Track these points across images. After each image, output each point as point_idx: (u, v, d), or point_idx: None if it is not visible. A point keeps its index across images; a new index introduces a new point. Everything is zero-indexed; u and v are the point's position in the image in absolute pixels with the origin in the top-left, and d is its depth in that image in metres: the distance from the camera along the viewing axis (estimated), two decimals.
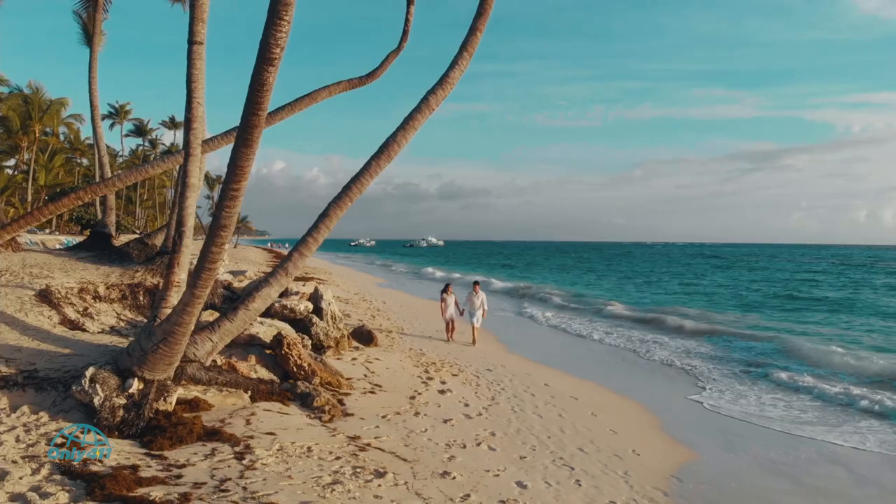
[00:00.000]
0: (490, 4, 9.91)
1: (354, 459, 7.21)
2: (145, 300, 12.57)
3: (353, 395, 10.26)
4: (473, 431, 9.17)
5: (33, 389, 7.82)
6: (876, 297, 39.56)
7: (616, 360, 17.27)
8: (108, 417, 7.23)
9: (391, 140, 9.71)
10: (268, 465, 6.65)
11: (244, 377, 9.25)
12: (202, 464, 6.56)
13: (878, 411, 12.15)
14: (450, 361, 14.28)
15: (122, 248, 15.56)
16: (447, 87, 9.87)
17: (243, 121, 6.30)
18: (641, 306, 31.64)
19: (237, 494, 5.81)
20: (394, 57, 12.62)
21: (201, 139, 8.61)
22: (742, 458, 9.56)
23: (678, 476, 8.55)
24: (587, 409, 11.45)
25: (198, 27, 8.09)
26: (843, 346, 19.75)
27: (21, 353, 8.49)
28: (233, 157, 6.51)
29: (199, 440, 7.27)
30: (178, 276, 8.26)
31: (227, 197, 6.71)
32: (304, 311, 12.90)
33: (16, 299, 10.32)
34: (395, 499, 6.21)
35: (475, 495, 6.67)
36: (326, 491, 6.14)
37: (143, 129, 65.75)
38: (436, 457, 7.81)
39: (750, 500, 7.88)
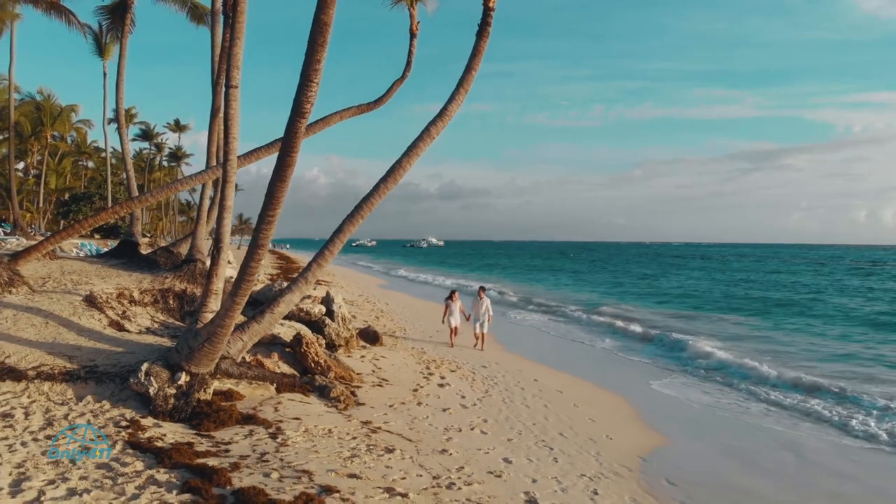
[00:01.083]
0: (483, 46, 11.31)
1: (368, 439, 8.63)
2: (174, 304, 13.98)
3: (364, 387, 11.68)
4: (468, 418, 10.58)
5: (94, 382, 9.24)
6: (812, 299, 40.74)
7: (601, 357, 18.71)
8: (161, 405, 8.65)
9: (397, 165, 11.12)
10: (297, 443, 8.07)
11: (270, 372, 10.67)
12: (244, 441, 7.98)
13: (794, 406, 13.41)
14: (448, 359, 15.68)
15: (150, 255, 16.96)
16: (446, 119, 11.27)
17: (279, 160, 7.71)
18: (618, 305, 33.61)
19: (276, 464, 7.23)
20: (399, 85, 14.03)
21: (235, 169, 10.00)
22: (705, 442, 10.98)
23: (645, 457, 9.96)
24: (570, 401, 12.85)
25: (233, 73, 9.47)
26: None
27: (81, 351, 9.91)
28: (269, 190, 7.93)
29: (237, 423, 8.69)
30: (216, 285, 9.68)
31: (263, 221, 8.13)
32: (318, 313, 14.31)
33: (67, 304, 11.73)
34: (402, 468, 7.63)
35: (468, 467, 8.08)
36: (347, 462, 7.56)
37: (150, 133, 67.26)
38: (436, 438, 9.23)
39: (703, 474, 9.29)
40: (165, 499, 5.98)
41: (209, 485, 6.31)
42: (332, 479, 6.93)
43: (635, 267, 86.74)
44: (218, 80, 15.13)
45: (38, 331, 10.42)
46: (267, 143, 14.03)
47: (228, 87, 9.29)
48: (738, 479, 9.27)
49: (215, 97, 15.56)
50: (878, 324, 27.98)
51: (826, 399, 13.88)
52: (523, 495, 7.44)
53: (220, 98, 15.42)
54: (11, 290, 11.75)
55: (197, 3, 18.93)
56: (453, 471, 7.87)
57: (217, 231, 9.82)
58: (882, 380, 16.30)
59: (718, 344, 20.79)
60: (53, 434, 7.54)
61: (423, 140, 11.20)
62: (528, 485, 7.84)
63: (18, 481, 6.11)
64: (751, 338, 23.68)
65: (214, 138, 15.81)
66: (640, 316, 28.92)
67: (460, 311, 17.96)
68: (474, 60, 11.35)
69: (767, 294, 43.72)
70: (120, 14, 18.64)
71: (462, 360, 15.72)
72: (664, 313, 31.38)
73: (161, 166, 78.45)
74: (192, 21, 19.47)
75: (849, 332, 25.74)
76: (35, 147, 51.57)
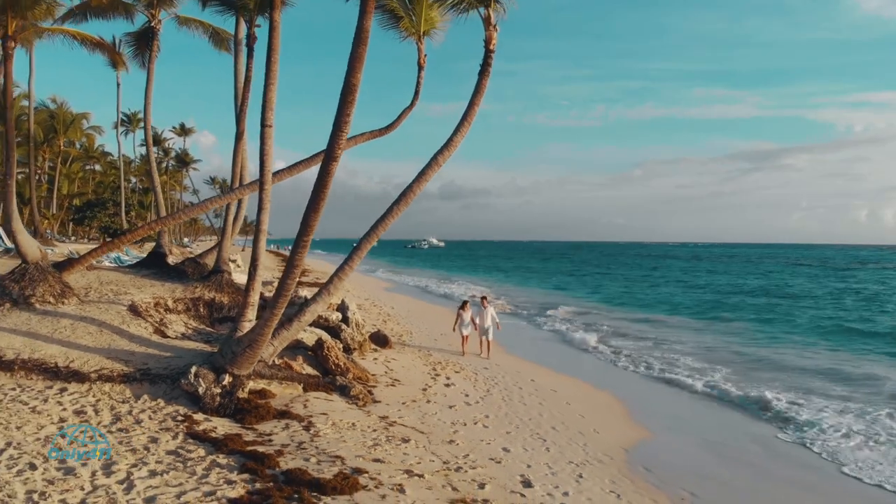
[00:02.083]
0: (485, 84, 12.70)
1: (386, 431, 10.05)
2: (204, 311, 15.39)
3: (378, 387, 13.10)
4: (472, 414, 12.01)
5: (148, 383, 10.67)
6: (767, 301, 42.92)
7: (592, 358, 20.15)
8: (209, 402, 10.07)
9: (408, 190, 12.51)
10: (327, 434, 9.49)
11: (297, 373, 12.10)
12: (283, 433, 9.41)
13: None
14: (453, 361, 17.09)
15: (178, 266, 18.37)
16: (452, 148, 12.67)
17: (314, 194, 9.14)
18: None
19: (313, 451, 8.65)
20: (408, 112, 15.42)
21: (270, 196, 11.40)
22: (685, 437, 12.42)
23: (628, 449, 11.39)
24: (564, 399, 14.28)
25: (268, 114, 10.86)
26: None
27: (134, 356, 11.34)
28: (305, 218, 9.35)
29: (274, 418, 10.11)
30: (253, 298, 11.11)
31: (299, 246, 9.56)
32: (335, 320, 15.72)
33: (116, 314, 13.15)
34: (417, 455, 9.06)
35: (473, 455, 9.51)
36: (371, 449, 8.98)
37: (158, 138, 68.70)
38: (444, 431, 10.66)
39: (677, 463, 10.71)
40: (229, 477, 7.40)
41: (262, 467, 7.73)
42: (360, 462, 8.35)
43: (620, 269, 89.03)
44: (242, 108, 16.54)
45: (95, 338, 11.86)
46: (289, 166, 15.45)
47: (264, 127, 10.68)
48: (708, 468, 10.70)
49: (239, 123, 16.99)
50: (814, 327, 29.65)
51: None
52: (519, 477, 8.87)
53: (243, 123, 16.86)
54: (64, 301, 13.16)
55: (219, 30, 20.28)
56: (460, 457, 9.30)
57: (254, 251, 11.22)
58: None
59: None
60: (123, 427, 8.96)
61: (431, 168, 12.59)
62: (524, 469, 9.27)
63: (108, 465, 7.53)
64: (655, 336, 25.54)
65: (238, 160, 17.24)
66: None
67: (471, 321, 18.51)
68: (477, 97, 12.74)
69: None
70: (146, 40, 20.05)
71: (465, 362, 17.14)
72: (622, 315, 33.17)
73: (167, 169, 79.87)
74: (214, 46, 20.83)
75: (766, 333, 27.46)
76: (47, 154, 53.04)
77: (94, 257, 15.25)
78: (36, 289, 12.93)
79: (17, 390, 9.99)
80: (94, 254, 15.17)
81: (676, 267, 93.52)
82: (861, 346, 24.30)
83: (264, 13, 16.00)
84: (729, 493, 9.48)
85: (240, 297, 16.06)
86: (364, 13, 8.63)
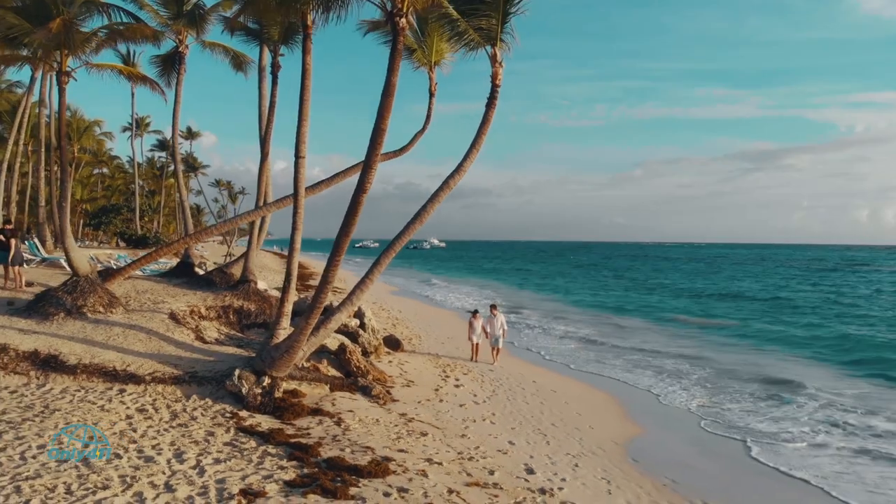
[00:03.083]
0: (491, 115, 14.09)
1: (406, 427, 11.48)
2: (234, 318, 16.82)
3: (395, 387, 14.53)
4: (480, 412, 13.45)
5: (196, 384, 12.10)
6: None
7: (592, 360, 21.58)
8: (252, 401, 11.50)
9: (422, 211, 13.90)
10: (356, 429, 10.92)
11: (324, 374, 13.54)
12: (318, 427, 10.84)
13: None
14: (460, 364, 18.51)
15: (207, 276, 19.79)
16: (462, 173, 14.06)
17: (345, 220, 10.57)
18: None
19: (346, 442, 10.08)
20: (420, 136, 16.84)
21: (302, 219, 12.81)
22: (674, 433, 13.82)
23: (620, 443, 12.81)
24: (563, 399, 15.71)
25: (301, 147, 12.26)
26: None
27: (182, 360, 12.77)
28: (337, 242, 10.77)
29: (308, 415, 11.53)
30: (287, 309, 12.55)
31: (331, 265, 10.98)
32: (353, 326, 17.15)
33: (160, 322, 14.58)
34: (435, 447, 10.48)
35: (482, 447, 10.94)
36: (395, 442, 10.42)
37: (167, 144, 70.28)
38: (457, 426, 12.10)
39: (663, 456, 12.12)
40: (281, 464, 8.83)
41: (307, 455, 9.17)
42: (387, 452, 9.78)
43: (604, 271, 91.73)
44: (267, 131, 17.96)
45: (145, 344, 13.30)
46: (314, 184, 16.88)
47: (298, 158, 12.10)
48: (690, 460, 12.12)
49: (264, 145, 18.43)
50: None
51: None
52: (523, 466, 10.31)
53: (268, 145, 18.30)
54: (112, 311, 14.59)
55: (239, 54, 21.67)
56: (472, 449, 10.74)
57: (288, 268, 12.65)
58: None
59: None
60: (182, 423, 10.39)
61: (442, 190, 13.98)
62: (527, 459, 10.71)
63: (178, 454, 8.95)
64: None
65: (264, 179, 18.67)
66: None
67: (482, 329, 19.25)
68: (484, 126, 14.13)
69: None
70: (171, 62, 21.47)
71: (472, 365, 18.57)
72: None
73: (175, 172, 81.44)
74: (233, 68, 22.23)
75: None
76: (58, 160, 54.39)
77: (134, 268, 16.68)
78: (87, 299, 14.36)
79: (83, 392, 11.41)
80: (135, 265, 16.60)
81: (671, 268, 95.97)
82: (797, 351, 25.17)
83: (287, 43, 17.46)
84: (705, 480, 10.91)
85: (265, 304, 17.57)
86: (392, 70, 10.04)
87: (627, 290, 55.00)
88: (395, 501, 7.92)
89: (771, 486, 10.93)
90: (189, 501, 7.35)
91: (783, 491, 10.77)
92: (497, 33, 13.78)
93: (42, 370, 11.96)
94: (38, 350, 12.29)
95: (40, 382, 11.65)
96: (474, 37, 13.80)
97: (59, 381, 11.72)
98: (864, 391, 18.14)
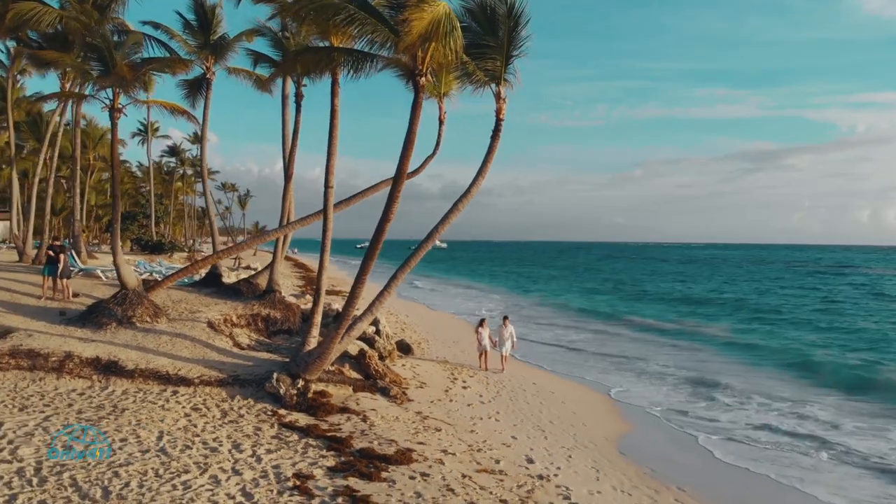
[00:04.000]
0: (496, 145, 15.75)
1: (422, 423, 13.22)
2: (262, 325, 18.56)
3: (410, 388, 16.26)
4: (486, 411, 15.18)
5: (238, 386, 13.84)
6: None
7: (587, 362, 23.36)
8: (289, 401, 13.23)
9: (434, 231, 15.56)
10: (380, 424, 12.66)
11: (347, 377, 15.28)
12: (347, 423, 12.57)
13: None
14: (467, 367, 20.25)
15: (234, 286, 21.53)
16: (470, 197, 15.73)
17: (371, 245, 12.32)
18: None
19: (373, 436, 11.82)
20: (431, 159, 18.56)
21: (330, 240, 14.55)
22: (661, 431, 15.56)
23: (610, 439, 14.56)
24: (560, 399, 17.46)
25: (330, 178, 13.98)
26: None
27: (224, 365, 14.52)
28: (363, 265, 12.53)
29: (337, 412, 13.27)
30: (317, 319, 14.34)
31: (358, 283, 12.74)
32: (370, 332, 18.86)
33: (201, 330, 16.34)
34: (448, 440, 12.23)
35: (489, 441, 12.68)
36: (414, 435, 12.16)
37: (177, 150, 72.22)
38: (466, 423, 13.84)
39: (647, 451, 13.85)
40: (322, 453, 10.57)
41: (342, 446, 10.91)
42: (409, 444, 11.52)
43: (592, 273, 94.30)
44: (291, 154, 19.72)
45: (191, 350, 15.05)
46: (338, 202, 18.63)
47: (327, 188, 13.84)
48: (670, 453, 13.88)
49: (288, 167, 20.21)
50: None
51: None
52: (524, 456, 12.05)
53: (292, 167, 20.10)
54: (157, 320, 16.34)
55: (262, 77, 23.36)
56: (480, 442, 12.49)
57: (317, 283, 14.41)
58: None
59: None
60: (232, 420, 12.13)
61: (452, 213, 15.64)
62: (528, 451, 12.45)
63: (237, 444, 10.68)
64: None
65: (288, 199, 20.42)
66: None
67: (489, 338, 20.16)
68: (490, 155, 15.80)
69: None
70: (198, 87, 23.20)
71: (476, 368, 20.31)
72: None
73: (183, 176, 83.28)
74: (256, 88, 23.92)
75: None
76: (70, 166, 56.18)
77: (173, 280, 18.43)
78: (136, 310, 16.10)
79: (142, 393, 13.14)
80: (173, 277, 18.35)
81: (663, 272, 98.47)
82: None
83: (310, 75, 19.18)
84: (679, 469, 12.65)
85: (289, 313, 19.34)
86: (413, 121, 11.74)
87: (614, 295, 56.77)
88: (420, 483, 9.66)
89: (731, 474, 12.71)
90: (254, 483, 9.10)
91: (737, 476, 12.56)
92: (501, 73, 15.45)
93: (103, 374, 13.70)
94: (100, 356, 14.03)
95: (102, 385, 13.38)
96: (481, 77, 15.50)
97: (119, 384, 13.45)
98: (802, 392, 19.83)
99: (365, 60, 12.22)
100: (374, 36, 11.43)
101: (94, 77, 15.10)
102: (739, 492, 11.86)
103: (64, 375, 13.46)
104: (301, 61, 13.21)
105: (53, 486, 8.36)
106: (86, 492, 8.27)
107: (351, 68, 12.34)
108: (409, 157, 11.96)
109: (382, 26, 11.38)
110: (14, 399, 12.11)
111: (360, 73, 12.32)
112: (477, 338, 20.32)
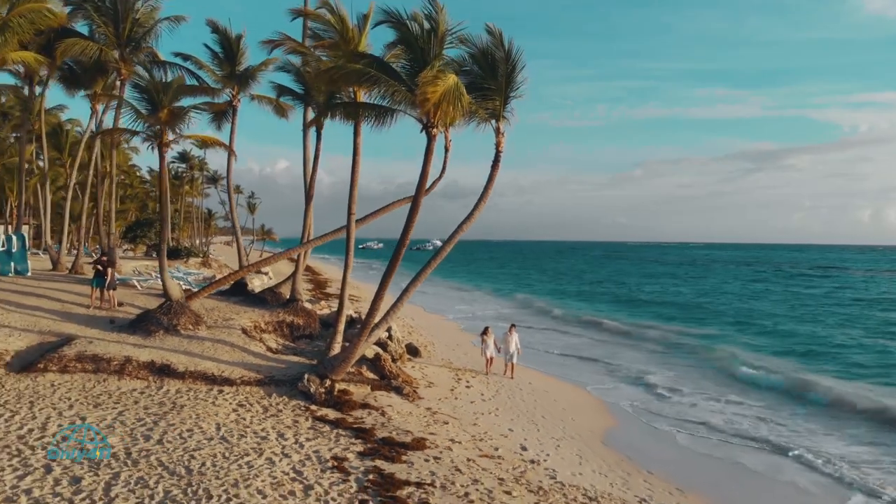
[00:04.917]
0: (496, 174, 17.93)
1: (432, 417, 15.46)
2: (287, 331, 20.81)
3: (420, 388, 18.50)
4: (486, 407, 17.43)
5: (274, 385, 16.08)
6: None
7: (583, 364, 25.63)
8: (317, 398, 15.47)
9: (441, 250, 17.80)
10: (396, 419, 14.89)
11: (365, 377, 17.53)
12: (368, 417, 14.81)
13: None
14: (469, 369, 22.49)
15: (260, 295, 23.77)
16: (472, 221, 17.93)
17: (389, 266, 14.55)
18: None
19: (391, 427, 14.06)
20: (438, 182, 20.73)
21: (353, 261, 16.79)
22: (642, 425, 17.81)
23: (595, 432, 16.83)
24: (552, 397, 19.73)
25: (352, 205, 16.20)
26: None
27: (260, 367, 16.77)
28: (382, 280, 14.79)
29: (359, 408, 15.49)
30: (341, 327, 16.59)
31: (379, 297, 14.99)
32: (384, 337, 21.11)
33: (237, 336, 18.58)
34: (455, 432, 14.47)
35: (489, 432, 14.93)
36: (426, 427, 14.40)
37: (187, 156, 74.54)
38: (469, 418, 16.09)
39: (628, 442, 16.10)
40: (351, 441, 12.80)
41: (367, 435, 13.16)
42: (422, 434, 13.77)
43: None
44: (312, 177, 22.00)
45: (231, 354, 17.30)
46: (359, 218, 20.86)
47: (349, 214, 16.07)
48: (645, 444, 16.14)
49: (308, 189, 22.49)
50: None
51: None
52: (519, 445, 14.31)
53: (312, 189, 22.35)
54: (199, 328, 18.58)
55: (283, 104, 25.62)
56: (482, 433, 14.74)
57: (341, 296, 16.66)
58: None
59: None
60: (272, 414, 14.36)
61: (457, 233, 17.82)
62: (523, 441, 14.71)
63: (281, 433, 12.90)
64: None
65: (308, 217, 22.68)
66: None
67: (494, 345, 21.48)
68: (490, 183, 17.94)
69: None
70: (224, 114, 25.46)
71: (478, 369, 22.56)
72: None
73: (192, 180, 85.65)
74: (275, 114, 26.18)
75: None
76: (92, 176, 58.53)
77: (210, 291, 20.69)
78: (179, 319, 18.35)
79: (192, 392, 15.37)
80: (210, 287, 20.62)
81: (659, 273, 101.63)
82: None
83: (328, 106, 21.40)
84: (651, 455, 14.91)
85: (310, 320, 21.60)
86: (426, 163, 13.97)
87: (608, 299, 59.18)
88: (433, 464, 11.91)
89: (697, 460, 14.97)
90: (301, 463, 11.35)
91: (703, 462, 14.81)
92: (500, 112, 17.65)
93: (157, 376, 15.93)
94: (154, 360, 16.27)
95: (158, 385, 15.61)
96: (483, 115, 17.72)
97: (172, 385, 15.68)
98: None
99: (387, 115, 14.46)
100: (395, 95, 13.69)
101: (144, 116, 17.38)
102: (703, 475, 14.15)
103: (124, 377, 15.69)
104: (330, 107, 15.40)
105: (145, 466, 10.59)
106: (172, 470, 10.50)
107: (375, 120, 14.57)
108: (423, 191, 14.19)
109: (401, 87, 13.64)
110: (87, 398, 14.33)
111: (383, 125, 14.56)
112: (482, 345, 21.63)
